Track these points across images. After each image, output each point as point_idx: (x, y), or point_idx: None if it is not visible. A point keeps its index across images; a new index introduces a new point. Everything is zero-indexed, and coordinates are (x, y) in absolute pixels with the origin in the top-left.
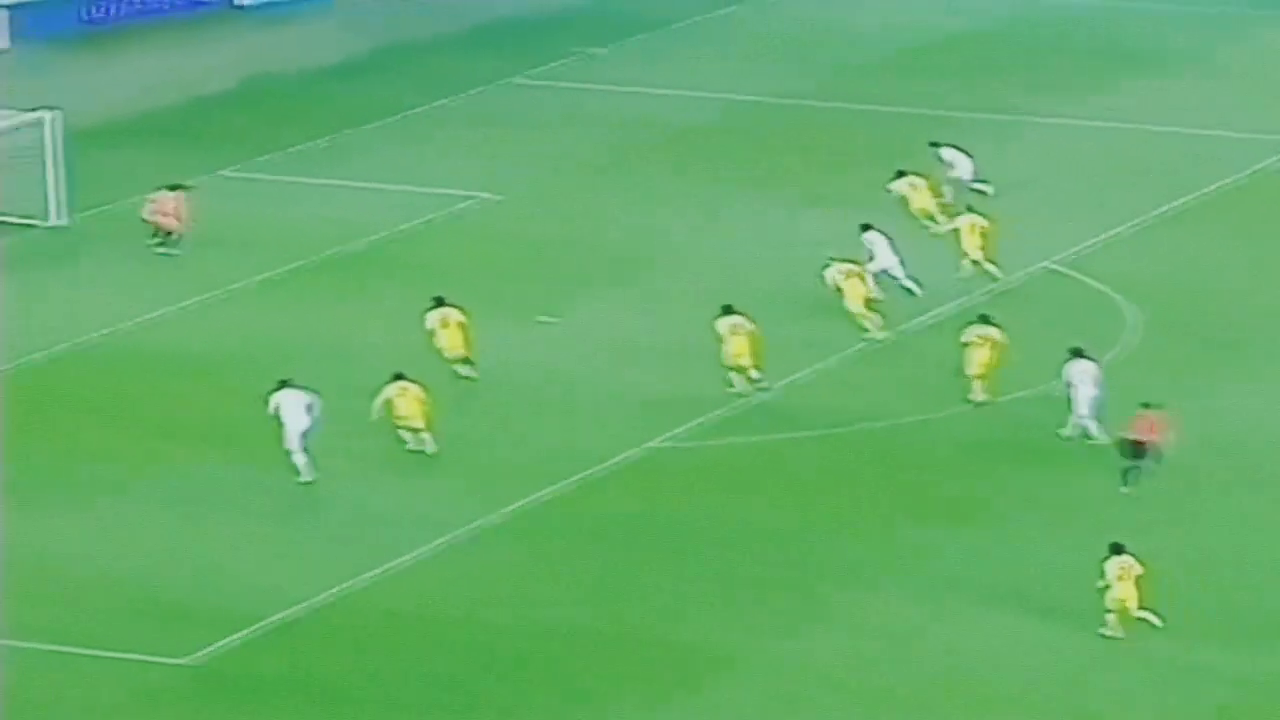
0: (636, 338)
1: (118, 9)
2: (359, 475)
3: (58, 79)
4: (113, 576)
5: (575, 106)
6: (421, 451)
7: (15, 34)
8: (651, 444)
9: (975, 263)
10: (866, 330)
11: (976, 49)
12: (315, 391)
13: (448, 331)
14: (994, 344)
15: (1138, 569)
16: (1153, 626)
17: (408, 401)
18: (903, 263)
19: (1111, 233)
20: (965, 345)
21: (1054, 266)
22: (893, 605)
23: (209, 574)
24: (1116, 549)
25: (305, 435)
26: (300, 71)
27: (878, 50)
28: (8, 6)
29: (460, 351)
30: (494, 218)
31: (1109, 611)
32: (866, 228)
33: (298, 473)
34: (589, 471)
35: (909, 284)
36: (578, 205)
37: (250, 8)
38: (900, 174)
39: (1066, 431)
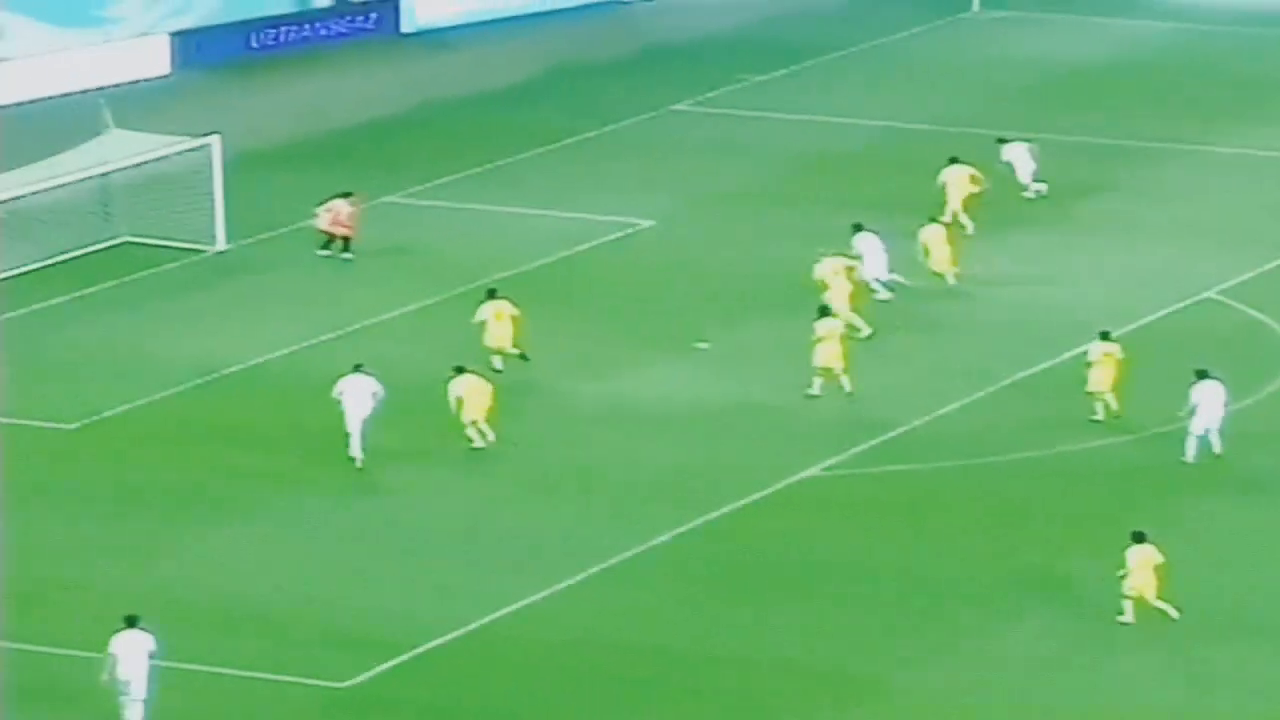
0: (792, 366)
1: (283, 35)
2: (512, 502)
3: (221, 105)
4: (270, 601)
5: (736, 134)
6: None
7: (179, 60)
8: (804, 473)
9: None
10: (856, 330)
11: (1131, 77)
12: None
13: (500, 323)
14: (1116, 361)
15: (1158, 558)
16: (1169, 617)
17: (478, 398)
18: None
19: (1274, 263)
20: (1089, 364)
21: (1214, 296)
22: (1032, 635)
23: (364, 600)
24: (1138, 537)
25: (366, 421)
26: (466, 97)
27: (1035, 77)
28: (172, 33)
29: (506, 345)
30: (654, 244)
31: (1125, 598)
32: (858, 228)
33: (352, 458)
34: (742, 500)
35: (884, 290)
36: (736, 232)
37: (416, 34)
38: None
39: (1189, 457)
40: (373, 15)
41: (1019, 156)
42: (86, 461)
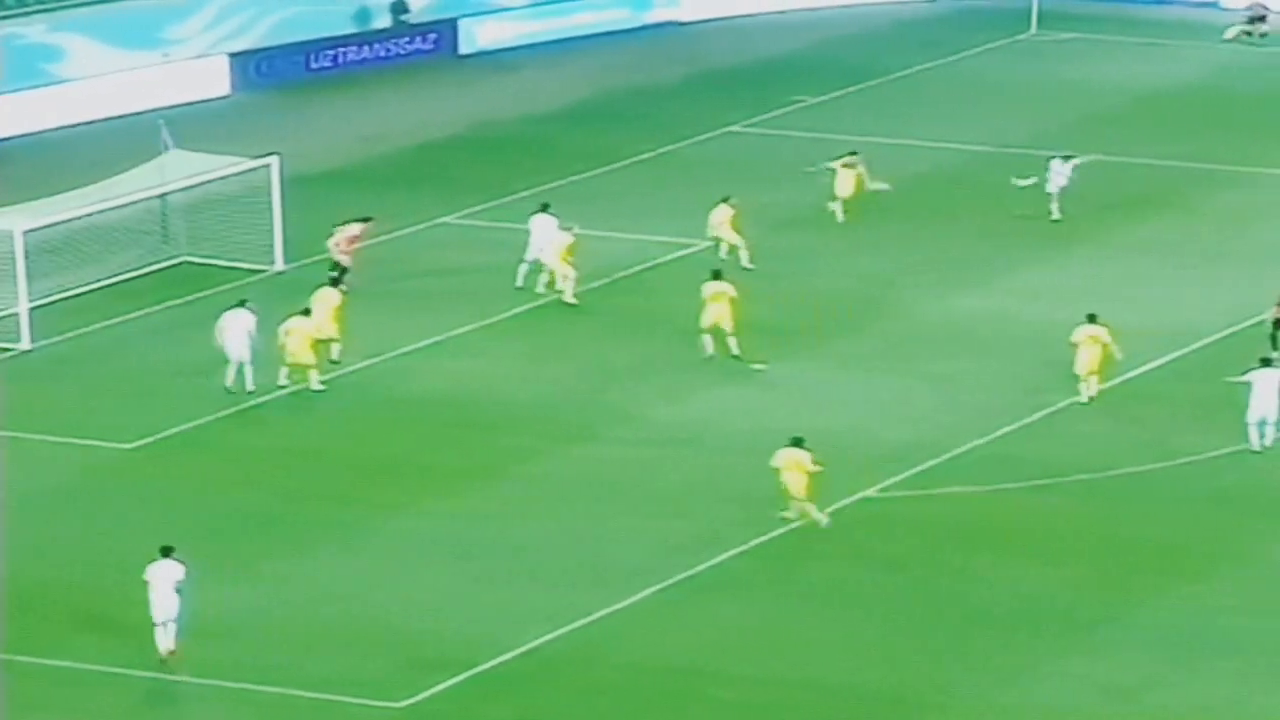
0: (854, 387)
1: (341, 56)
2: (577, 521)
3: (280, 126)
4: (330, 620)
5: (793, 155)
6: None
7: (238, 81)
8: (862, 494)
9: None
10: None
11: (1192, 99)
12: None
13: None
14: (1103, 344)
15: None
16: None
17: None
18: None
19: None
20: (1074, 345)
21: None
22: (1114, 658)
23: (428, 618)
24: None
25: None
26: (523, 118)
27: (1093, 98)
28: (231, 54)
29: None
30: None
31: None
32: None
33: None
34: (798, 523)
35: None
36: (795, 254)
37: (475, 55)
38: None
39: (1254, 446)
40: (431, 36)
41: (1061, 170)
42: (144, 482)
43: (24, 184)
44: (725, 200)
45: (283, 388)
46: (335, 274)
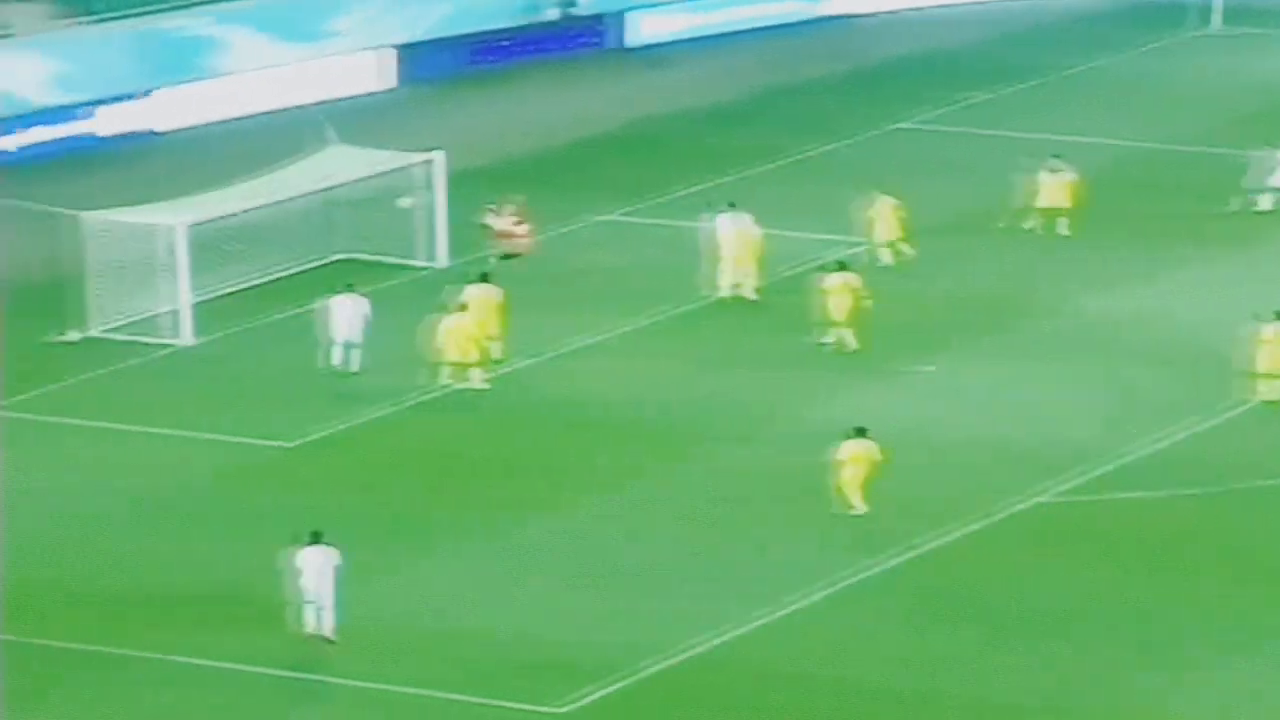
0: (1018, 388)
1: (506, 50)
2: (729, 526)
3: (444, 120)
4: (481, 625)
5: (960, 153)
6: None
7: (402, 75)
8: (1028, 501)
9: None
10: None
11: None
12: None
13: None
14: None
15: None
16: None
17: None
18: None
19: None
20: (1259, 344)
21: None
22: (1268, 671)
23: (578, 625)
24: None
25: (353, 340)
26: (685, 113)
27: (1271, 97)
28: (396, 46)
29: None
30: (875, 265)
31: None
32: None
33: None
34: (962, 530)
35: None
36: (959, 254)
37: (640, 48)
38: None
39: None
40: (597, 30)
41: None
42: (301, 482)
43: (185, 178)
44: (882, 196)
45: (445, 386)
46: (502, 258)
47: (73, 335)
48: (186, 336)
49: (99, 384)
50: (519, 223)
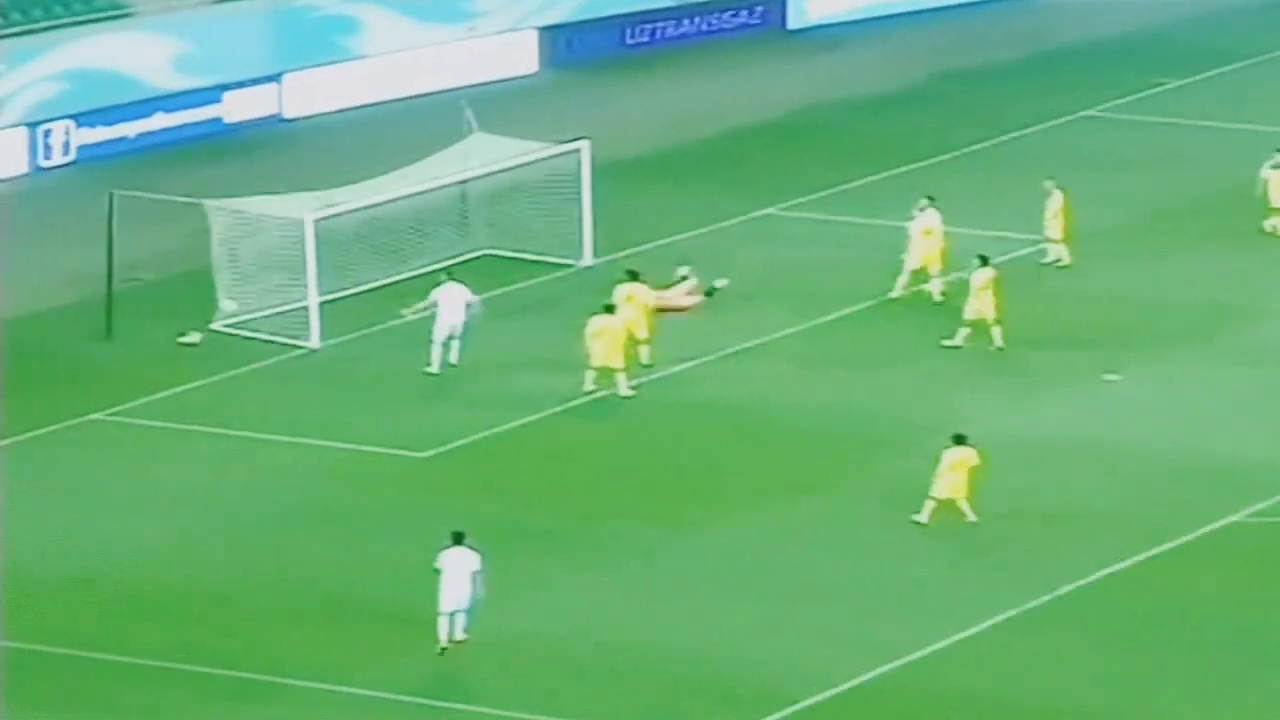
0: (1211, 400)
1: (659, 31)
2: (901, 543)
3: (591, 107)
4: (631, 646)
5: (1153, 144)
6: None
7: (547, 58)
8: (1226, 519)
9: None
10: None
11: None
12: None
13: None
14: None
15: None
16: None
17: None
18: None
19: None
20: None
21: None
22: None
23: (736, 649)
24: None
25: (455, 332)
26: (852, 100)
27: None
28: (541, 28)
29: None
30: (1055, 266)
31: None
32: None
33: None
34: (1154, 549)
35: None
36: (1152, 254)
37: (803, 30)
38: None
39: None
40: (758, 10)
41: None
42: (435, 494)
43: (315, 169)
44: (1056, 189)
45: (589, 393)
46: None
47: (194, 336)
48: (314, 338)
49: (221, 390)
50: (690, 293)
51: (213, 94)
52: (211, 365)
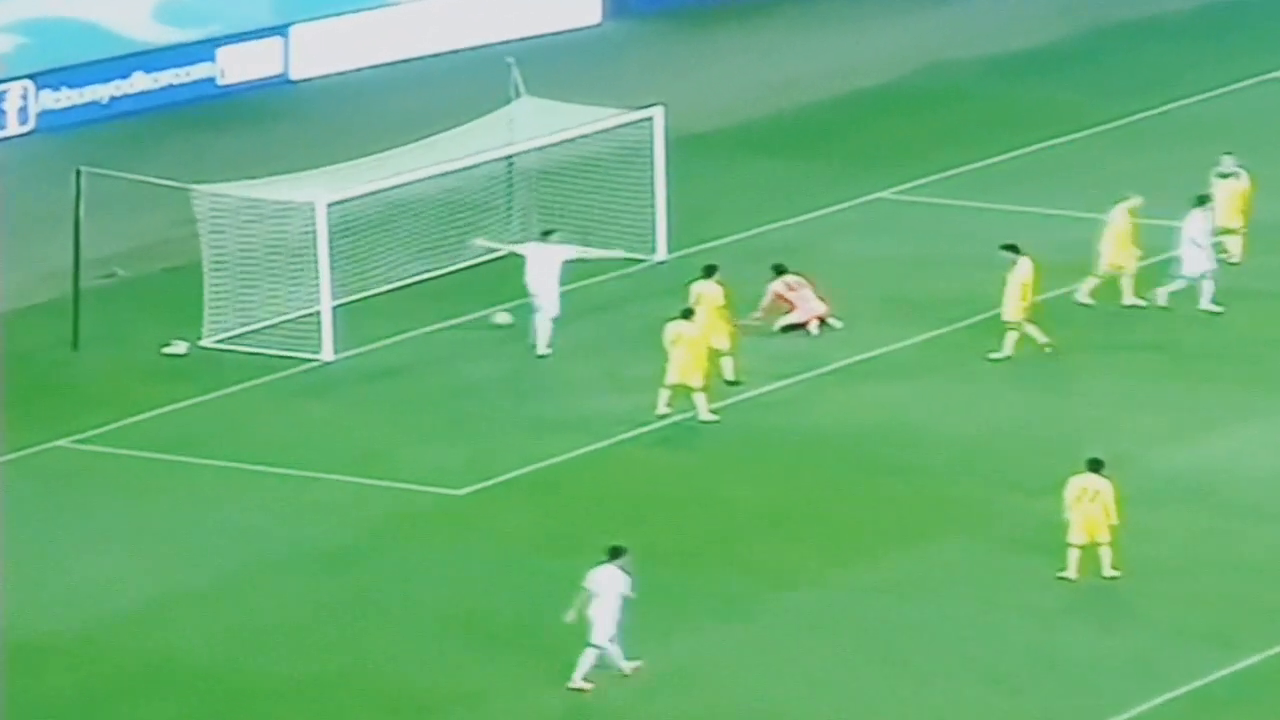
0: None
1: None
2: (1048, 598)
3: (664, 67)
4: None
5: None
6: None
7: (612, 7)
8: None
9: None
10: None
11: None
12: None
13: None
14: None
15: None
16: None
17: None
18: None
19: None
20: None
21: None
22: None
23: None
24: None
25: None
26: (983, 62)
27: None
28: None
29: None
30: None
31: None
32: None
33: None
34: None
35: None
36: None
37: None
38: None
39: None
40: None
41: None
42: (473, 539)
43: (328, 142)
44: (1236, 169)
45: (663, 417)
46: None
47: (179, 346)
48: (326, 349)
49: (213, 411)
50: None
51: (204, 50)
52: (202, 381)
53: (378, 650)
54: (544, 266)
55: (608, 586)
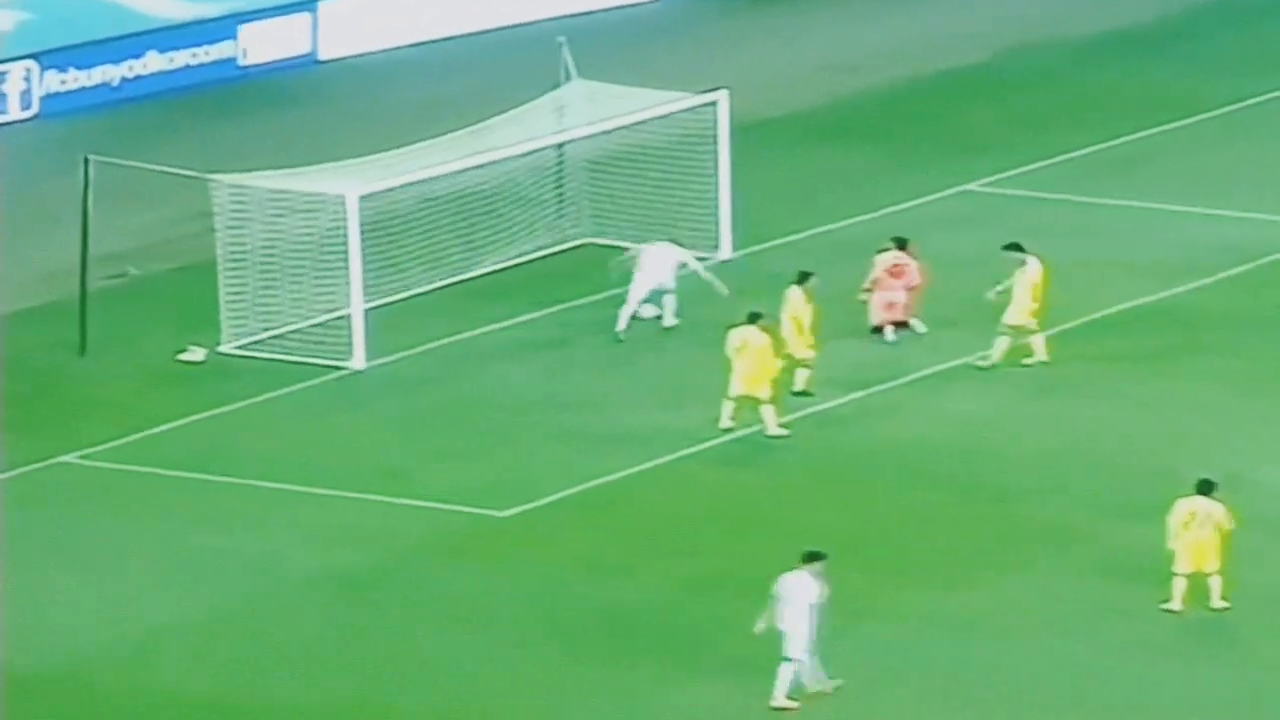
0: None
1: None
2: (1149, 631)
3: (728, 47)
4: None
5: None
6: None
7: None
8: None
9: None
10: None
11: None
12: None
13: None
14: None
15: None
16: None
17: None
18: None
19: None
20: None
21: None
22: None
23: None
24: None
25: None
26: (1066, 43)
27: None
28: None
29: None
30: None
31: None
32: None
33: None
34: None
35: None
36: None
37: None
38: None
39: None
40: None
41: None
42: (517, 564)
43: (361, 128)
44: None
45: (726, 431)
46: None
47: (196, 353)
48: (357, 357)
49: (232, 424)
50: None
51: (225, 27)
52: (220, 391)
53: (407, 687)
54: (665, 262)
55: (798, 593)
